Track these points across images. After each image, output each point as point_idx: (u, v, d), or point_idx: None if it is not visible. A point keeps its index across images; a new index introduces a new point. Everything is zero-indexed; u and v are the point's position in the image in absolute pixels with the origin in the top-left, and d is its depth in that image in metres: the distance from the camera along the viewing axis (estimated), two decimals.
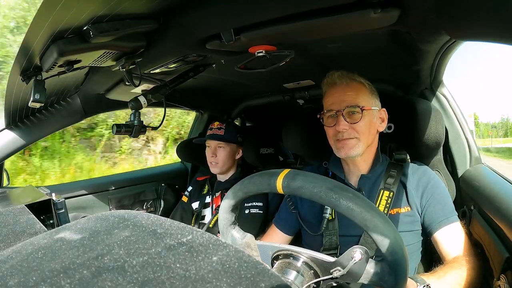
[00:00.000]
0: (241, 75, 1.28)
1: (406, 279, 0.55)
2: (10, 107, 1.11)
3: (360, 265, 0.55)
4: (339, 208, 0.53)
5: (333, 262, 0.57)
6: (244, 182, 0.63)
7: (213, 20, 0.76)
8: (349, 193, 0.54)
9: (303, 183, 0.56)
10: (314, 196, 0.55)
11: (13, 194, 1.04)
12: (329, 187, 0.54)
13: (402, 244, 0.53)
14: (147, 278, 0.27)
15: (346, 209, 0.53)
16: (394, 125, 1.04)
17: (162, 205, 1.80)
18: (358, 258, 0.55)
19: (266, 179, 0.60)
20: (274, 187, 0.58)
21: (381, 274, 0.55)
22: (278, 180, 0.58)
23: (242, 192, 0.63)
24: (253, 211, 1.37)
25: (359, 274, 0.56)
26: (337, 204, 0.53)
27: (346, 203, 0.53)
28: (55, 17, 0.61)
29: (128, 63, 0.90)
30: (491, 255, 0.82)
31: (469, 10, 0.56)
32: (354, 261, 0.55)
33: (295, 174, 0.57)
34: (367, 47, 0.98)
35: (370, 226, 0.52)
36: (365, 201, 0.53)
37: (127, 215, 0.40)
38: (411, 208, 0.92)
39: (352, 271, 0.56)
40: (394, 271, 0.54)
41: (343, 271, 0.55)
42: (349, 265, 0.55)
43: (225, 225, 0.68)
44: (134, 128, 1.06)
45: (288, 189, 0.57)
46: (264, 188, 0.60)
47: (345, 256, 0.56)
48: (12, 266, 0.30)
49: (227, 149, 1.49)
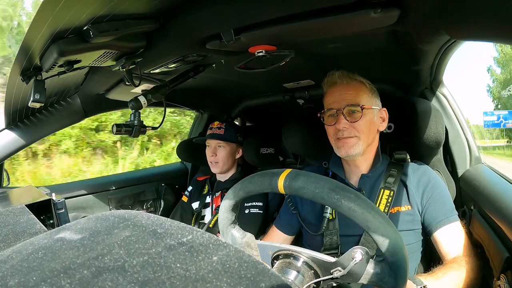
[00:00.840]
0: (241, 75, 1.28)
1: (406, 280, 0.55)
2: (10, 107, 1.11)
3: (361, 265, 0.56)
4: (341, 209, 0.53)
5: (333, 262, 0.57)
6: (245, 182, 0.63)
7: (213, 20, 0.76)
8: (350, 194, 0.54)
9: (305, 184, 0.56)
10: (316, 197, 0.55)
11: (13, 194, 1.04)
12: (331, 187, 0.54)
13: (402, 245, 0.53)
14: (147, 278, 0.27)
15: (347, 210, 0.53)
16: (394, 125, 1.04)
17: (162, 205, 1.80)
18: (358, 258, 0.55)
19: (268, 179, 0.60)
20: (276, 187, 0.58)
21: (381, 274, 0.55)
22: (280, 180, 0.58)
23: (243, 192, 0.63)
24: (253, 210, 1.37)
25: (360, 274, 0.56)
26: (339, 205, 0.53)
27: (348, 204, 0.53)
28: (55, 17, 0.61)
29: (128, 63, 0.90)
30: (491, 255, 0.82)
31: (469, 10, 0.56)
32: (355, 262, 0.55)
33: (296, 174, 0.57)
34: (367, 47, 0.98)
35: (371, 227, 0.52)
36: (367, 202, 0.53)
37: (127, 215, 0.40)
38: (411, 206, 0.93)
39: (352, 272, 0.56)
40: (395, 272, 0.54)
41: (343, 271, 0.55)
42: (350, 266, 0.55)
43: (225, 224, 0.68)
44: (134, 128, 1.06)
45: (290, 190, 0.57)
46: (265, 188, 0.60)
47: (345, 256, 0.56)
48: (12, 266, 0.30)
49: (227, 148, 1.50)
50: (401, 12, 0.67)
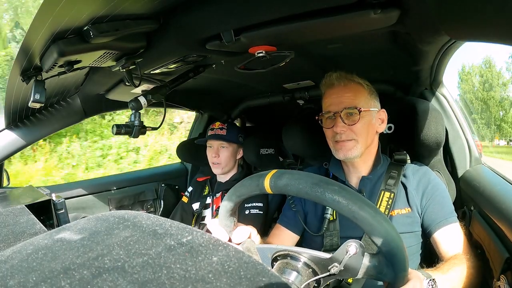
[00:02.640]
0: (241, 75, 1.28)
1: (405, 269, 0.54)
2: (10, 107, 1.11)
3: (356, 259, 0.55)
4: (326, 202, 0.53)
5: (329, 258, 0.57)
6: (236, 187, 0.64)
7: (213, 20, 0.76)
8: (334, 186, 0.53)
9: (289, 181, 0.56)
10: (300, 192, 0.55)
11: (13, 194, 1.04)
12: (314, 182, 0.54)
13: (395, 234, 0.52)
14: (147, 279, 0.27)
15: (332, 202, 0.52)
16: (394, 125, 1.04)
17: (162, 206, 1.80)
18: (353, 252, 0.55)
19: (255, 181, 0.60)
20: (263, 187, 0.59)
21: (379, 267, 0.54)
22: (266, 181, 0.58)
23: (236, 196, 0.64)
24: (253, 211, 1.37)
25: (357, 268, 0.55)
26: (323, 198, 0.53)
27: (332, 196, 0.52)
28: (55, 18, 0.61)
29: (128, 63, 0.90)
30: (491, 255, 0.82)
31: (469, 10, 0.56)
32: (349, 255, 0.55)
33: (281, 173, 0.58)
34: (367, 48, 0.98)
35: (358, 217, 0.51)
36: (352, 192, 0.52)
37: (127, 216, 0.40)
38: (411, 209, 0.92)
39: (349, 266, 0.55)
40: (391, 262, 0.53)
41: (340, 266, 0.55)
42: (345, 260, 0.55)
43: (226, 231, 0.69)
44: (134, 128, 1.06)
45: (276, 188, 0.58)
46: (254, 190, 0.61)
47: (340, 251, 0.56)
48: (12, 266, 0.30)
49: (230, 149, 1.49)
50: (401, 12, 0.67)
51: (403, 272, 0.54)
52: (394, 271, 0.53)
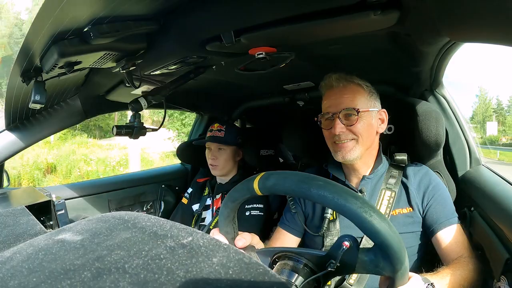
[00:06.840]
0: (241, 76, 1.28)
1: (402, 261, 0.52)
2: (10, 108, 1.11)
3: (352, 254, 0.55)
4: (312, 197, 0.52)
5: (325, 255, 0.57)
6: (230, 193, 0.65)
7: (213, 22, 0.76)
8: (319, 181, 0.53)
9: (276, 181, 0.57)
10: (287, 191, 0.56)
11: (13, 195, 1.04)
12: (300, 179, 0.54)
13: (387, 224, 0.50)
14: (148, 280, 0.27)
15: (318, 197, 0.52)
16: (395, 126, 1.04)
17: (162, 207, 1.80)
18: (346, 246, 0.55)
19: (246, 185, 0.61)
20: (253, 190, 0.59)
21: (375, 260, 0.54)
22: (255, 183, 0.59)
23: (230, 202, 0.65)
24: (254, 213, 1.37)
25: (353, 263, 0.55)
26: (309, 194, 0.52)
27: (317, 191, 0.51)
28: (55, 19, 0.61)
29: (128, 64, 0.90)
30: (491, 256, 0.82)
31: (469, 11, 0.56)
32: (343, 250, 0.55)
33: (268, 175, 0.59)
34: (367, 49, 0.98)
35: (346, 210, 0.50)
36: (337, 186, 0.52)
37: (127, 217, 0.40)
38: (412, 208, 0.92)
39: (345, 261, 0.55)
40: (387, 254, 0.51)
41: (336, 262, 0.55)
42: (340, 255, 0.55)
43: (226, 238, 0.69)
44: (134, 129, 1.06)
45: (264, 189, 0.58)
46: (246, 193, 0.62)
47: (334, 247, 0.57)
48: (13, 267, 0.30)
49: (228, 151, 1.48)
50: (401, 14, 0.68)
51: (401, 264, 0.52)
52: (391, 263, 0.52)
